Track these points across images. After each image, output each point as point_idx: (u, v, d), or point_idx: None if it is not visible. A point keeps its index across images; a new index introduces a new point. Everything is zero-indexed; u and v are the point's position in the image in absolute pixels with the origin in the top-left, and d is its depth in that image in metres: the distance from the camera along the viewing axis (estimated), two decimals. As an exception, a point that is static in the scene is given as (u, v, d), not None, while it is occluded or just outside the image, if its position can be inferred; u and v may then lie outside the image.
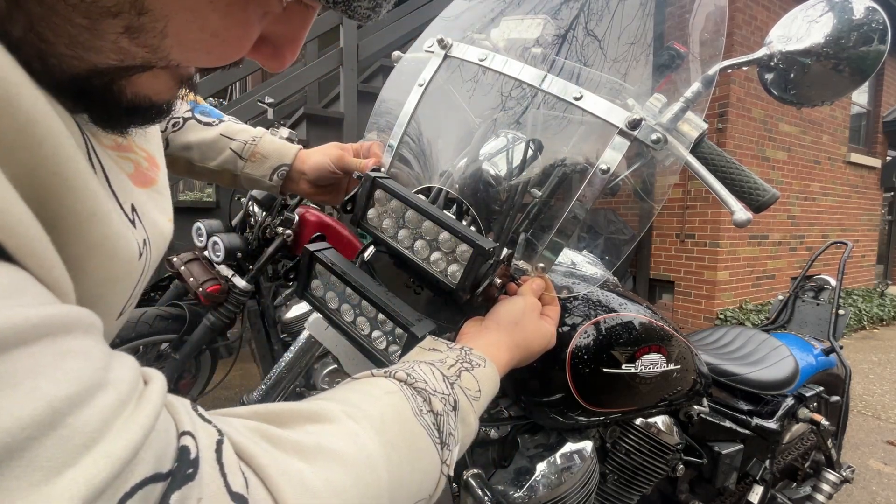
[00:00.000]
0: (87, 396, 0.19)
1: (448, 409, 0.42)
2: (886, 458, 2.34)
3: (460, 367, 0.47)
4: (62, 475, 0.17)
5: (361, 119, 3.25)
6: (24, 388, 0.17)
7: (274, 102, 2.91)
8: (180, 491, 0.22)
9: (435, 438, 0.39)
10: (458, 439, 0.43)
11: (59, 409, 0.18)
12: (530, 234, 0.68)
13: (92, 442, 0.19)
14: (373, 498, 0.32)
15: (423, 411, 0.39)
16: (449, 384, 0.44)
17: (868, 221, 6.17)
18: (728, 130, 4.21)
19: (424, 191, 0.66)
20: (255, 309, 1.88)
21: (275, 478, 0.26)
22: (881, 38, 0.55)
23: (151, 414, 0.22)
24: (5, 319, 0.17)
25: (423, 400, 0.40)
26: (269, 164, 0.73)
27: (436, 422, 0.40)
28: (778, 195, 0.62)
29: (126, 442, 0.20)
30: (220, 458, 0.25)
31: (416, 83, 0.71)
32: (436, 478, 0.39)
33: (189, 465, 0.23)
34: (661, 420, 0.88)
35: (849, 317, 3.87)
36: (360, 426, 0.35)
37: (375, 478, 0.33)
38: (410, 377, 0.42)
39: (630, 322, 0.76)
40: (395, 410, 0.38)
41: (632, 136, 0.56)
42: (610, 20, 0.72)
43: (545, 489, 0.72)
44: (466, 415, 0.44)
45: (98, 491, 0.18)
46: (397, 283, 0.63)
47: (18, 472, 0.16)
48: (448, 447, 0.40)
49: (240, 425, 0.29)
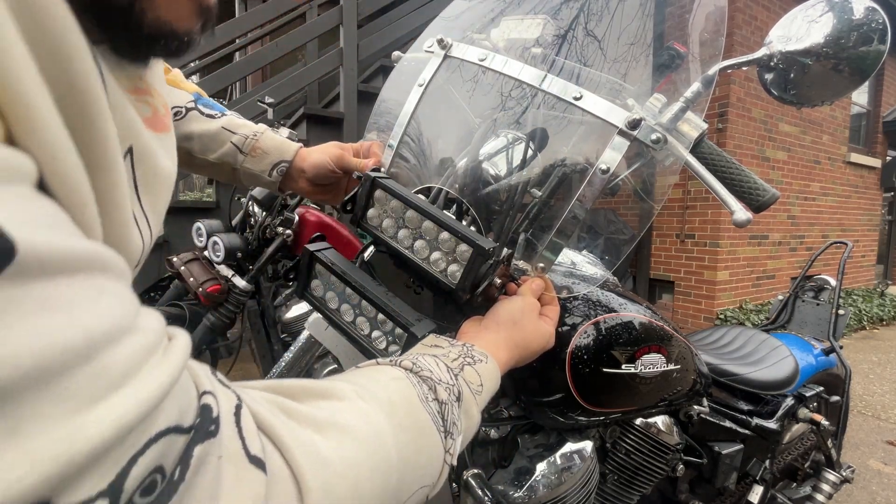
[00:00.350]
0: (119, 336, 0.19)
1: (452, 399, 0.42)
2: (886, 458, 2.34)
3: (463, 360, 0.48)
4: (93, 408, 0.17)
5: (361, 119, 3.25)
6: (62, 316, 0.17)
7: (274, 102, 2.91)
8: (202, 445, 0.22)
9: (439, 426, 0.39)
10: (461, 430, 0.43)
11: (94, 343, 0.18)
12: (530, 234, 0.68)
13: (122, 381, 0.19)
14: (383, 474, 0.32)
15: (428, 399, 0.39)
16: (453, 375, 0.45)
17: (868, 221, 6.17)
18: (728, 130, 4.21)
19: (424, 191, 0.67)
20: (255, 309, 1.88)
21: (291, 447, 0.27)
22: (881, 38, 0.55)
23: (176, 365, 0.22)
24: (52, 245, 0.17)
25: (428, 388, 0.40)
26: (270, 159, 0.73)
27: (440, 410, 0.40)
28: (778, 195, 0.62)
29: (154, 387, 0.20)
30: (239, 421, 0.25)
31: (416, 83, 0.71)
32: (439, 466, 0.39)
33: (211, 422, 0.23)
34: (661, 420, 0.88)
35: (849, 317, 3.87)
36: (370, 406, 0.35)
37: (386, 456, 0.33)
38: (416, 366, 0.43)
39: (630, 322, 0.76)
40: (401, 395, 0.38)
41: (632, 136, 0.56)
42: (610, 20, 0.72)
43: (545, 489, 0.72)
44: (469, 406, 0.44)
45: (126, 430, 0.18)
46: (397, 283, 0.63)
47: (52, 398, 0.16)
48: (452, 436, 0.40)
49: (257, 395, 0.29)
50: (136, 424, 0.19)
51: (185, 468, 0.21)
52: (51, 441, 0.16)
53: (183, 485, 0.21)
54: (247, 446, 0.24)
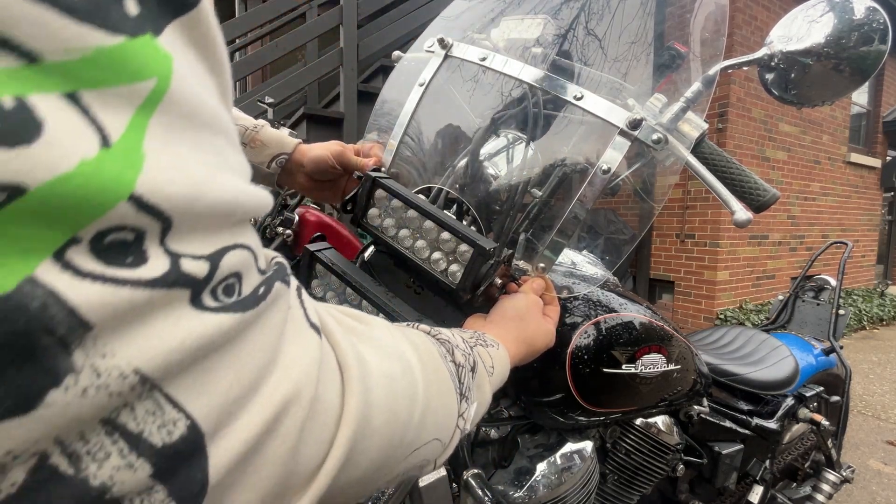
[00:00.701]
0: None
1: (468, 366, 0.41)
2: (886, 458, 2.34)
3: (476, 340, 0.47)
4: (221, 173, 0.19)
5: (361, 119, 3.25)
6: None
7: (274, 102, 2.90)
8: (279, 284, 0.23)
9: (456, 386, 0.38)
10: (474, 399, 0.42)
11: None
12: (531, 234, 0.68)
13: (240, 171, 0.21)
14: (410, 399, 0.31)
15: (447, 358, 0.39)
16: (469, 346, 0.44)
17: (868, 221, 6.17)
18: (728, 130, 4.21)
19: (425, 191, 0.66)
20: (255, 309, 1.88)
21: (337, 338, 0.28)
22: (882, 38, 0.55)
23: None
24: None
25: (446, 350, 0.40)
26: (269, 151, 0.73)
27: (457, 372, 0.39)
28: (778, 195, 0.62)
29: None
30: (301, 295, 0.26)
31: (416, 83, 0.71)
32: (453, 425, 0.37)
33: (285, 274, 0.24)
34: (661, 420, 0.88)
35: (849, 317, 3.87)
36: (401, 339, 0.35)
37: (414, 385, 0.32)
38: (434, 330, 0.42)
39: (630, 322, 0.76)
40: (425, 345, 0.37)
41: (632, 136, 0.56)
42: (610, 20, 0.72)
43: (545, 489, 0.72)
44: (482, 382, 0.43)
45: (234, 206, 0.20)
46: (397, 283, 0.63)
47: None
48: (467, 400, 0.39)
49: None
50: (238, 211, 0.20)
51: (266, 292, 0.22)
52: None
53: (263, 304, 0.21)
54: (308, 314, 0.26)
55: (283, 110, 4.11)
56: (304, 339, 0.24)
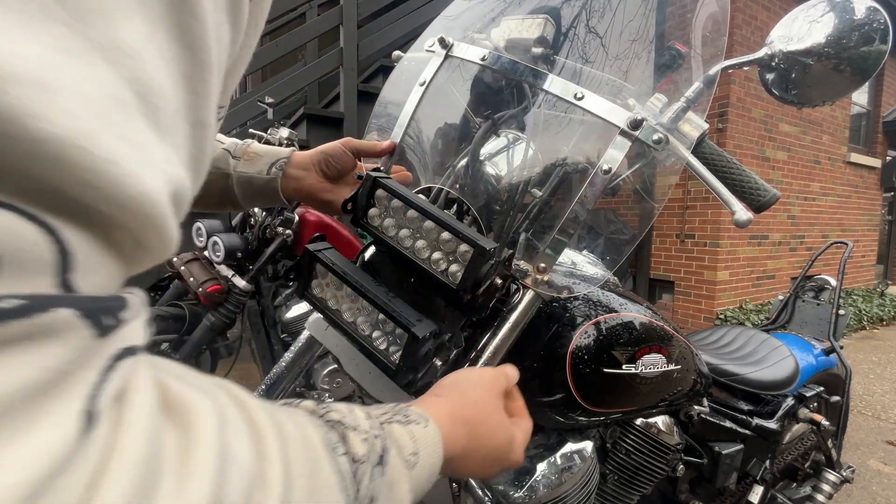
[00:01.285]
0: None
1: (373, 459, 0.29)
2: (886, 458, 2.34)
3: (392, 416, 0.35)
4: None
5: (361, 119, 3.25)
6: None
7: (274, 102, 2.90)
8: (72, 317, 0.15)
9: (349, 494, 0.26)
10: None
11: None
12: (531, 234, 0.68)
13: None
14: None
15: (336, 450, 0.27)
16: (377, 423, 0.32)
17: (868, 221, 6.17)
18: (728, 130, 4.21)
19: (425, 190, 0.66)
20: (255, 309, 1.88)
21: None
22: (882, 38, 0.55)
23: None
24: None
25: (337, 436, 0.28)
26: (265, 160, 0.72)
27: (352, 471, 0.27)
28: (778, 195, 0.62)
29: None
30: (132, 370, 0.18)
31: (416, 83, 0.71)
32: None
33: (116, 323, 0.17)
34: (661, 420, 0.88)
35: (849, 317, 3.87)
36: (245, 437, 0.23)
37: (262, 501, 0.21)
38: (322, 407, 0.31)
39: (630, 322, 0.76)
40: (300, 430, 0.26)
41: (633, 136, 0.56)
42: (611, 20, 0.72)
43: (545, 489, 0.72)
44: (397, 479, 0.31)
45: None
46: (398, 283, 0.63)
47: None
48: None
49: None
50: None
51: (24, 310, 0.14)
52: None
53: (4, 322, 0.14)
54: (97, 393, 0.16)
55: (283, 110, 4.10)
56: (57, 424, 0.14)
